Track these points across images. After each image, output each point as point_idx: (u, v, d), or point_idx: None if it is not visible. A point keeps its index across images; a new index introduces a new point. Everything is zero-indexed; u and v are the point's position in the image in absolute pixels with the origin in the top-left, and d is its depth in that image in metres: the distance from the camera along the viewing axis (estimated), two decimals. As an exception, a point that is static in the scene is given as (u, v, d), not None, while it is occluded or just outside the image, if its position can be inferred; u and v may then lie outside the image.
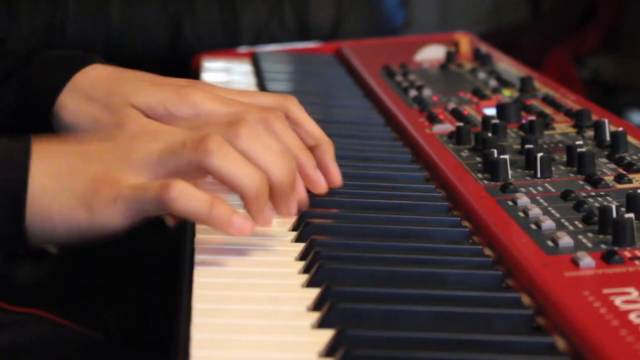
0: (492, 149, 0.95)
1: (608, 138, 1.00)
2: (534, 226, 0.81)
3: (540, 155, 0.92)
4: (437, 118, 1.14)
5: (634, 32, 3.65)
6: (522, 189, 0.89)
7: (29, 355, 1.00)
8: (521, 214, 0.83)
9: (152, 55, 1.88)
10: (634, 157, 0.95)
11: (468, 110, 1.17)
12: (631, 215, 0.77)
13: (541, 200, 0.86)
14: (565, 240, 0.77)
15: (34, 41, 1.84)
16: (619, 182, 0.90)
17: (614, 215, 0.78)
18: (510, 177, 0.92)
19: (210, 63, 1.59)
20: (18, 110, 1.02)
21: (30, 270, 1.47)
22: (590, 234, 0.78)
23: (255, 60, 1.57)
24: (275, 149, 0.82)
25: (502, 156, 0.93)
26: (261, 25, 1.87)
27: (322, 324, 0.69)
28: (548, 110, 1.14)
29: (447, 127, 1.11)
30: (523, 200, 0.86)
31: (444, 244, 0.83)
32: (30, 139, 0.79)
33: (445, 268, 0.77)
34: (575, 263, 0.73)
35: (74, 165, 0.78)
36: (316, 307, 0.71)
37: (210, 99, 0.92)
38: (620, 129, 0.99)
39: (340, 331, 0.65)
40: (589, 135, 1.04)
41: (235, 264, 0.80)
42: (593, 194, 0.87)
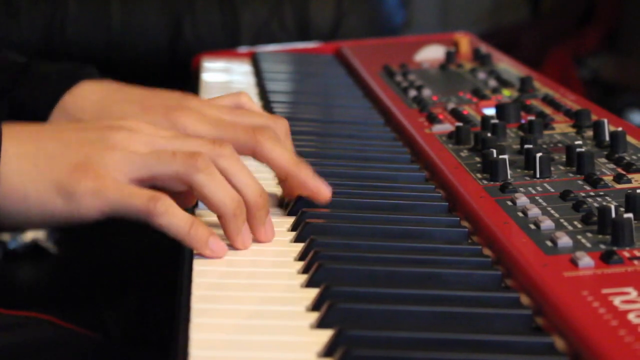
0: (492, 149, 0.95)
1: (607, 138, 1.00)
2: (533, 226, 0.81)
3: (539, 155, 0.92)
4: (437, 118, 1.14)
5: (634, 32, 3.65)
6: (522, 189, 0.89)
7: (28, 357, 1.00)
8: (520, 214, 0.83)
9: (152, 55, 1.88)
10: (634, 157, 0.95)
11: (467, 110, 1.17)
12: (630, 215, 0.77)
13: (540, 200, 0.86)
14: (565, 240, 0.77)
15: (34, 41, 1.85)
16: (618, 182, 0.90)
17: (613, 215, 0.78)
18: (509, 177, 0.92)
19: (210, 63, 1.59)
20: None
21: (30, 270, 1.47)
22: (589, 234, 0.78)
23: (255, 60, 1.57)
24: (249, 173, 0.83)
25: (501, 156, 0.93)
26: (261, 25, 1.87)
27: (321, 324, 0.69)
28: (548, 110, 1.14)
29: (446, 127, 1.11)
30: (522, 200, 0.86)
31: (443, 244, 0.83)
32: (0, 124, 0.79)
33: (444, 268, 0.77)
34: (574, 263, 0.73)
35: (52, 150, 0.78)
36: (315, 307, 0.71)
37: (199, 122, 0.93)
38: (620, 129, 0.99)
39: (339, 331, 0.65)
40: (589, 135, 1.04)
41: (234, 264, 0.80)
42: (592, 194, 0.87)
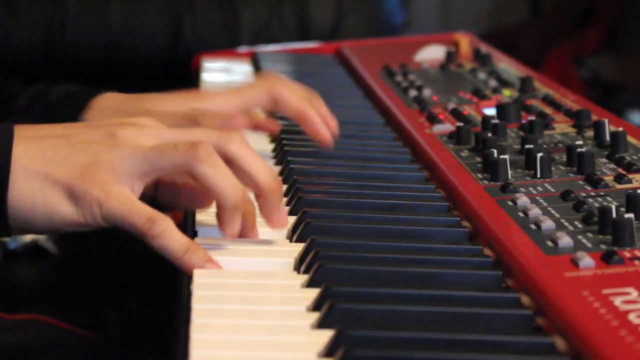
0: (492, 149, 0.95)
1: (608, 138, 1.00)
2: (533, 226, 0.81)
3: (540, 155, 0.92)
4: (437, 118, 1.14)
5: (634, 32, 3.65)
6: (522, 189, 0.89)
7: (28, 358, 1.00)
8: (521, 214, 0.83)
9: (152, 55, 1.88)
10: (634, 157, 0.95)
11: (468, 110, 1.17)
12: (631, 215, 0.77)
13: (541, 201, 0.86)
14: (565, 241, 0.77)
15: (34, 41, 1.85)
16: (619, 182, 0.90)
17: (614, 215, 0.78)
18: (510, 177, 0.92)
19: (210, 63, 1.59)
20: None
21: (30, 271, 1.47)
22: (590, 234, 0.78)
23: (255, 60, 1.57)
24: (261, 158, 0.83)
25: (502, 156, 0.93)
26: (261, 25, 1.87)
27: (321, 324, 0.68)
28: (548, 110, 1.14)
29: (447, 127, 1.11)
30: (523, 200, 0.86)
31: (443, 244, 0.83)
32: (12, 126, 0.79)
33: (444, 268, 0.77)
34: (575, 263, 0.73)
35: (60, 152, 0.78)
36: (316, 307, 0.71)
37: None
38: (620, 129, 0.99)
39: (339, 331, 0.65)
40: (589, 135, 1.04)
41: (234, 264, 0.80)
42: (593, 194, 0.87)
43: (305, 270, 0.78)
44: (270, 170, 0.83)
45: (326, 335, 0.66)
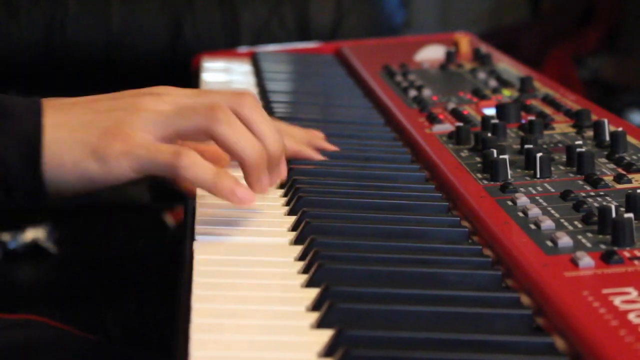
0: (492, 149, 0.95)
1: (608, 138, 1.00)
2: (533, 226, 0.81)
3: (539, 155, 0.92)
4: (437, 118, 1.14)
5: (634, 32, 3.65)
6: (522, 189, 0.89)
7: (27, 358, 1.00)
8: (521, 214, 0.83)
9: (152, 55, 1.88)
10: (634, 157, 0.95)
11: (468, 110, 1.17)
12: (630, 215, 0.77)
13: (541, 200, 0.86)
14: (565, 240, 0.77)
15: (34, 41, 1.85)
16: (619, 182, 0.90)
17: (614, 215, 0.78)
18: (509, 177, 0.92)
19: (210, 63, 1.59)
20: None
21: (30, 270, 1.48)
22: (589, 234, 0.78)
23: (255, 60, 1.57)
24: (270, 122, 0.88)
25: (501, 156, 0.93)
26: (261, 25, 1.87)
27: (321, 324, 0.68)
28: (548, 110, 1.14)
29: (446, 127, 1.11)
30: (522, 200, 0.86)
31: (443, 244, 0.83)
32: (41, 100, 0.84)
33: (444, 268, 0.77)
34: (574, 263, 0.73)
35: (86, 119, 0.83)
36: (315, 307, 0.71)
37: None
38: (620, 129, 0.99)
39: (339, 331, 0.65)
40: (589, 135, 1.04)
41: (234, 263, 0.80)
42: (592, 194, 0.87)
43: (305, 270, 0.78)
44: (276, 135, 0.87)
45: (326, 335, 0.66)
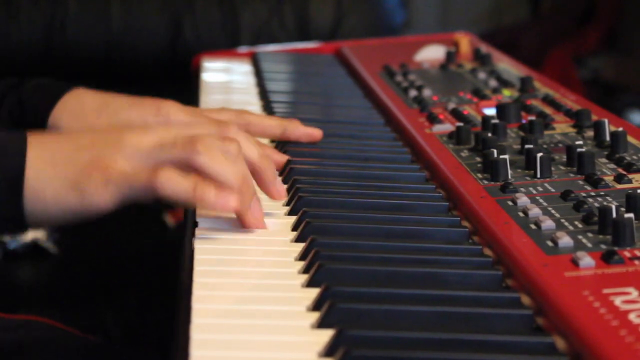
0: (492, 149, 0.95)
1: (608, 138, 1.00)
2: (533, 226, 0.81)
3: (540, 155, 0.92)
4: (437, 118, 1.14)
5: (634, 32, 3.65)
6: (522, 189, 0.89)
7: (27, 358, 1.00)
8: (521, 214, 0.83)
9: (152, 55, 1.88)
10: (634, 157, 0.95)
11: (468, 110, 1.17)
12: (631, 215, 0.77)
13: (541, 200, 0.86)
14: (565, 240, 0.77)
15: (34, 41, 1.85)
16: (619, 182, 0.90)
17: (614, 215, 0.78)
18: (510, 177, 0.92)
19: (210, 63, 1.59)
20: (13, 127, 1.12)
21: (30, 271, 1.47)
22: (590, 234, 0.78)
23: (255, 60, 1.57)
24: (254, 142, 0.91)
25: (502, 156, 0.93)
26: (261, 25, 1.87)
27: (321, 324, 0.68)
28: (548, 110, 1.14)
29: (447, 127, 1.11)
30: (523, 200, 0.86)
31: (443, 244, 0.83)
32: (26, 132, 0.85)
33: (445, 268, 0.77)
34: (575, 263, 0.73)
35: (68, 154, 0.83)
36: (316, 307, 0.71)
37: (181, 110, 1.04)
38: (620, 129, 0.99)
39: (339, 331, 0.65)
40: (589, 135, 1.04)
41: (234, 264, 0.80)
42: (593, 194, 0.87)
43: (305, 270, 0.78)
44: (258, 149, 0.89)
45: (326, 335, 0.66)
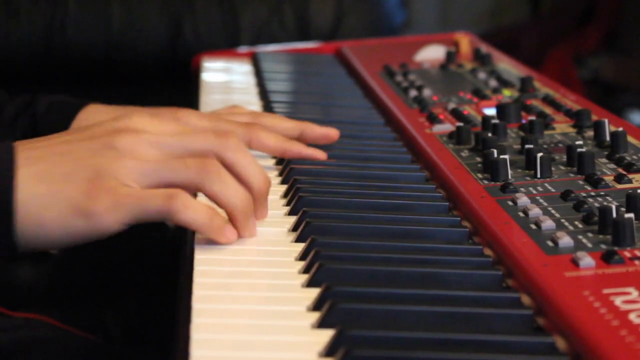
0: (492, 149, 0.95)
1: (608, 138, 1.00)
2: (534, 226, 0.81)
3: (540, 155, 0.92)
4: (437, 118, 1.14)
5: (634, 32, 3.65)
6: (522, 189, 0.89)
7: (27, 357, 1.00)
8: (521, 214, 0.83)
9: (152, 55, 1.88)
10: (634, 157, 0.95)
11: (468, 110, 1.17)
12: (631, 215, 0.77)
13: (541, 200, 0.86)
14: (565, 240, 0.77)
15: (34, 41, 1.85)
16: (619, 182, 0.90)
17: (614, 215, 0.78)
18: (510, 177, 0.92)
19: (210, 63, 1.59)
20: None
21: (30, 271, 1.47)
22: (590, 234, 0.78)
23: (255, 60, 1.57)
24: (254, 162, 0.85)
25: (502, 156, 0.93)
26: (261, 25, 1.87)
27: (322, 324, 0.68)
28: (548, 110, 1.14)
29: (447, 127, 1.11)
30: (523, 200, 0.86)
31: (444, 244, 0.83)
32: (13, 146, 0.78)
33: (445, 268, 0.77)
34: (575, 263, 0.73)
35: (65, 169, 0.77)
36: (316, 307, 0.71)
37: (200, 117, 1.00)
38: (620, 129, 0.99)
39: (340, 331, 0.65)
40: (589, 135, 1.04)
41: (235, 264, 0.80)
42: (593, 194, 0.87)
43: (305, 270, 0.78)
44: (263, 174, 0.85)
45: (326, 335, 0.66)
